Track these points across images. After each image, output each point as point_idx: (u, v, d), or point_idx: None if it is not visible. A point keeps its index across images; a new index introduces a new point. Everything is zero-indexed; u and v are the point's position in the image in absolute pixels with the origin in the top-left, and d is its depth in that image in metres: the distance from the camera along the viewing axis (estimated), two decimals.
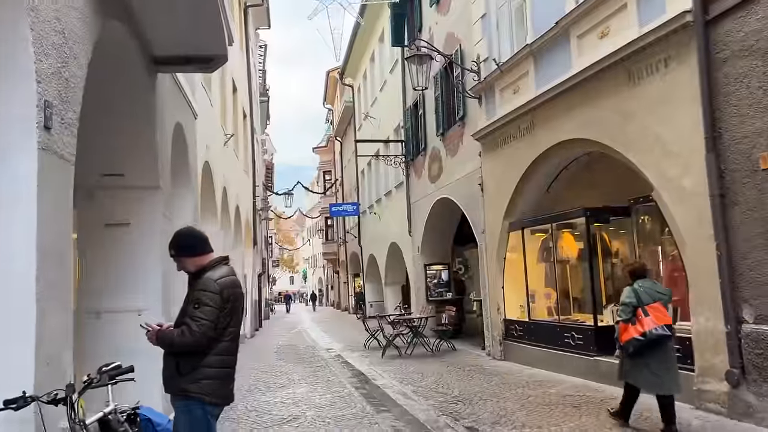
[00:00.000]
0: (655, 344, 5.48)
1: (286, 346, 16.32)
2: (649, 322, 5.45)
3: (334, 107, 38.25)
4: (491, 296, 11.46)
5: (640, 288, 5.70)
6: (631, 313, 5.60)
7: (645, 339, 5.45)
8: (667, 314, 5.53)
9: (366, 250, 26.13)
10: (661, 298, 5.67)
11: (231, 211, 14.20)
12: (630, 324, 5.58)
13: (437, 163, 14.63)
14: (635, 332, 5.52)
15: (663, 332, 5.43)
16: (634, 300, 5.62)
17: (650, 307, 5.53)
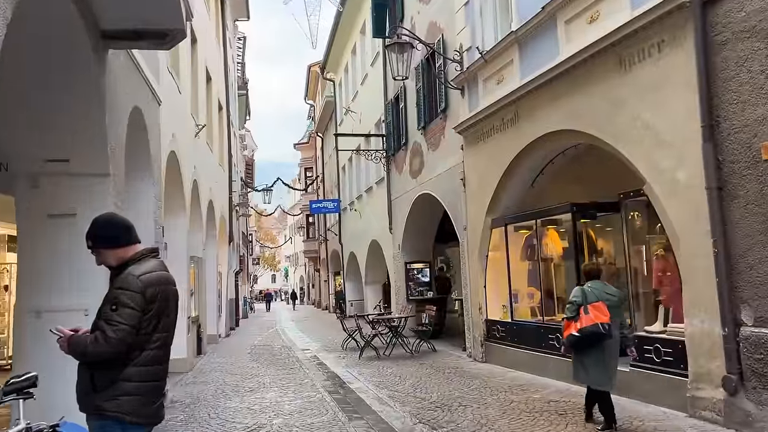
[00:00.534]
0: (592, 341, 5.63)
1: (261, 346, 15.74)
2: (587, 320, 5.61)
3: (315, 103, 37.64)
4: (472, 295, 11.01)
5: (589, 288, 5.86)
6: (576, 311, 5.76)
7: (580, 335, 5.64)
8: (606, 313, 5.61)
9: (346, 248, 25.60)
10: (609, 298, 5.76)
11: (203, 206, 13.59)
12: (573, 321, 5.77)
13: (418, 157, 14.15)
14: (573, 329, 5.73)
15: (597, 329, 5.54)
16: (579, 299, 5.78)
17: (591, 306, 5.66)
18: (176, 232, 10.43)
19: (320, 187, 36.19)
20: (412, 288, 15.82)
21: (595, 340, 5.61)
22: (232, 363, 12.03)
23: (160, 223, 8.12)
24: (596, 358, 5.71)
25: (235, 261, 22.69)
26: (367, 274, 21.61)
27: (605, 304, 5.66)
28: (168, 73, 9.48)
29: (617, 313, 5.83)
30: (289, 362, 12.24)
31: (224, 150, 18.98)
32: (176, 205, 10.49)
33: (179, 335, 10.49)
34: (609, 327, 5.57)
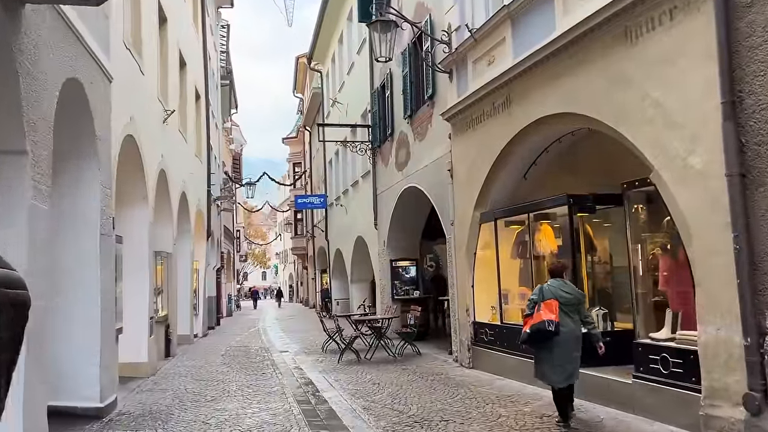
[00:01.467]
0: (542, 338, 5.71)
1: (237, 347, 14.88)
2: (536, 317, 5.71)
3: (304, 96, 36.70)
4: (459, 296, 10.21)
5: (547, 287, 5.94)
6: (533, 308, 5.86)
7: (529, 332, 5.75)
8: (554, 311, 5.68)
9: (333, 245, 24.74)
10: (564, 297, 5.80)
11: (173, 198, 12.70)
12: (530, 318, 5.86)
13: (404, 148, 13.32)
14: (527, 326, 5.84)
15: (542, 327, 5.61)
16: (537, 297, 5.90)
17: (544, 303, 5.75)
18: (134, 225, 9.56)
19: (308, 183, 35.33)
20: (398, 287, 15.00)
21: (542, 337, 5.69)
22: (201, 367, 11.16)
23: (108, 213, 7.25)
24: (546, 355, 5.81)
25: (215, 257, 21.79)
26: (352, 272, 20.77)
27: (558, 301, 5.73)
28: (125, 50, 8.59)
29: (575, 310, 5.87)
30: (263, 366, 11.39)
31: (202, 141, 18.07)
32: (135, 195, 9.61)
33: (138, 337, 9.65)
34: (556, 324, 5.61)
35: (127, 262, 9.31)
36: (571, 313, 5.78)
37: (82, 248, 6.67)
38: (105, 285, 6.97)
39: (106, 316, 6.93)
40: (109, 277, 7.24)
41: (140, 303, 9.62)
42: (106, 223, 7.09)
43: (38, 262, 4.94)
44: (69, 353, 6.60)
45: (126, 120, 8.45)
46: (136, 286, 9.55)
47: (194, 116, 16.62)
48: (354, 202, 19.71)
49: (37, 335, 4.88)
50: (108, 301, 7.08)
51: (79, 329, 6.63)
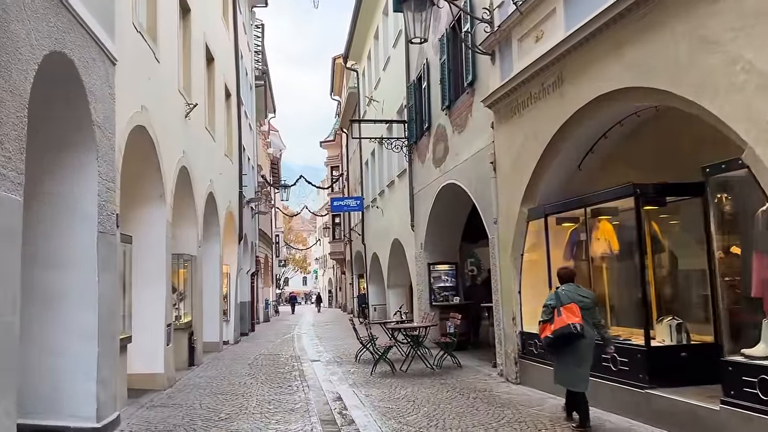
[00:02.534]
0: (566, 342, 5.72)
1: (268, 356, 14.12)
2: (559, 322, 5.71)
3: (341, 98, 36.05)
4: (504, 302, 9.15)
5: (562, 291, 5.99)
6: (550, 314, 5.88)
7: (554, 337, 5.75)
8: (577, 314, 5.72)
9: (369, 249, 23.90)
10: (582, 301, 5.86)
11: (198, 198, 12.02)
12: (548, 323, 5.88)
13: (442, 143, 12.34)
14: (549, 331, 5.83)
15: (568, 330, 5.62)
16: (553, 302, 5.92)
17: (564, 308, 5.78)
18: (150, 225, 8.87)
19: (345, 186, 34.66)
20: (436, 293, 13.99)
21: (568, 340, 5.71)
22: (223, 378, 10.39)
23: (111, 209, 6.51)
24: (570, 359, 5.82)
25: (248, 261, 21.19)
26: (389, 276, 19.85)
27: (578, 306, 5.78)
28: (135, 32, 7.89)
29: (590, 314, 5.91)
30: (290, 378, 10.55)
31: (233, 141, 17.47)
32: (151, 193, 8.92)
33: (153, 346, 8.93)
34: (581, 327, 5.67)
35: (141, 265, 8.63)
36: (587, 317, 5.83)
37: (77, 247, 5.94)
38: (105, 289, 6.22)
39: (105, 324, 6.17)
40: (111, 280, 6.50)
41: (156, 309, 8.91)
42: (107, 219, 6.35)
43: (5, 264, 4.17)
44: (61, 366, 5.87)
45: (136, 109, 7.74)
46: (151, 291, 8.85)
47: (224, 114, 16.02)
48: (390, 204, 18.81)
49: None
50: (108, 307, 6.32)
51: (73, 339, 5.90)
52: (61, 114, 5.76)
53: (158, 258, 8.97)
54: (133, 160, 8.06)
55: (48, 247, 5.85)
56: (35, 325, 5.80)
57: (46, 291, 5.85)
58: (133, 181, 8.51)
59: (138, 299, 8.51)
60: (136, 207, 8.78)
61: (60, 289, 5.89)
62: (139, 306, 8.52)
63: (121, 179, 7.23)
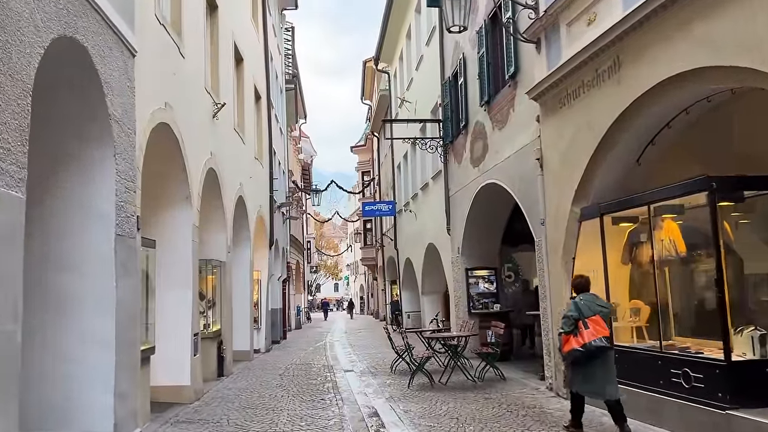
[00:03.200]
0: (595, 354, 5.72)
1: (299, 365, 13.60)
2: (589, 335, 5.72)
3: (371, 102, 35.62)
4: (554, 310, 8.43)
5: (581, 301, 5.96)
6: (573, 325, 5.85)
7: (584, 350, 5.72)
8: (605, 327, 5.80)
9: (402, 254, 23.28)
10: (602, 311, 5.91)
11: (227, 202, 11.60)
12: (572, 336, 5.84)
13: (481, 141, 11.68)
14: (576, 343, 5.79)
15: (601, 344, 5.69)
16: (575, 313, 5.87)
17: (590, 320, 5.78)
18: (175, 229, 8.43)
19: (377, 191, 34.16)
20: (475, 299, 13.29)
21: (595, 354, 5.74)
22: (253, 390, 9.88)
23: (130, 210, 6.05)
24: (603, 370, 5.83)
25: (279, 267, 20.78)
26: (424, 282, 19.19)
27: (601, 317, 5.84)
28: (159, 25, 7.47)
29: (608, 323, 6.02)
30: (323, 390, 9.99)
31: (263, 144, 17.09)
32: (176, 195, 8.49)
33: (179, 357, 8.46)
34: (608, 340, 5.79)
35: (166, 271, 8.18)
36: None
37: (92, 249, 5.48)
38: (124, 295, 5.75)
39: (123, 333, 5.70)
40: (131, 285, 6.03)
41: (182, 317, 8.45)
42: (126, 221, 5.89)
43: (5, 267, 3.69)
44: (76, 375, 5.41)
45: (158, 105, 7.30)
46: (177, 299, 8.39)
47: (254, 117, 15.64)
48: (424, 207, 18.18)
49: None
50: (127, 315, 5.85)
51: (90, 348, 5.44)
52: (74, 105, 5.32)
53: (184, 263, 8.52)
54: (156, 160, 7.63)
55: (61, 247, 5.41)
56: (48, 331, 5.37)
57: (60, 295, 5.40)
58: (158, 182, 8.08)
59: (163, 307, 8.06)
60: (160, 209, 8.36)
61: (75, 294, 5.44)
62: (163, 314, 8.06)
63: (144, 180, 6.81)
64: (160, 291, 8.05)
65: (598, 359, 5.76)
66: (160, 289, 8.02)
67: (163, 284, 8.11)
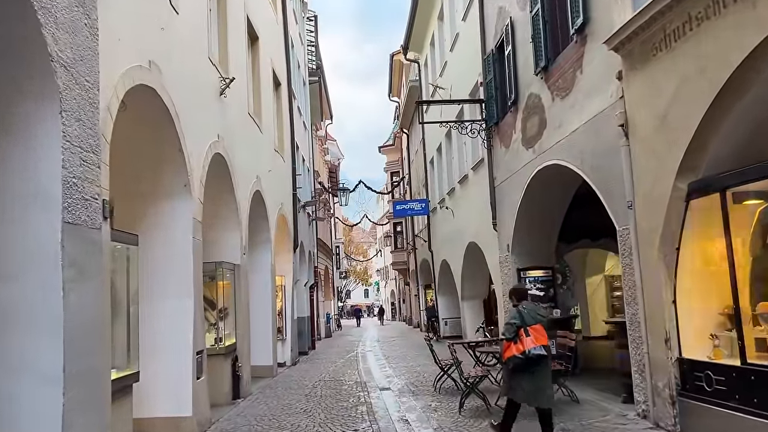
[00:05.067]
0: (533, 362, 5.79)
1: (328, 382, 11.92)
2: (529, 342, 5.79)
3: (399, 98, 33.96)
4: (649, 316, 6.59)
5: (524, 310, 6.06)
6: (515, 333, 5.90)
7: (524, 357, 5.78)
8: (545, 336, 5.89)
9: (437, 256, 21.51)
10: (541, 320, 6.00)
11: (241, 196, 10.01)
12: (513, 343, 5.90)
13: (536, 116, 9.88)
14: (516, 350, 5.85)
15: (540, 352, 5.77)
16: (518, 321, 5.94)
17: (532, 329, 5.86)
18: (169, 223, 6.85)
19: (407, 191, 32.45)
20: None
21: (537, 361, 5.79)
22: (273, 418, 8.22)
23: (90, 191, 4.43)
24: (540, 378, 5.91)
25: (305, 272, 19.18)
26: (463, 286, 17.38)
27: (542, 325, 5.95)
28: None
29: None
30: (356, 415, 8.30)
31: (285, 136, 15.53)
32: (170, 182, 6.90)
33: (177, 382, 6.80)
34: (548, 349, 5.92)
35: (159, 275, 6.62)
36: None
37: (30, 245, 3.88)
38: (79, 307, 4.14)
39: (78, 359, 4.07)
40: (93, 293, 4.41)
41: (181, 332, 6.83)
42: (82, 205, 4.28)
43: None
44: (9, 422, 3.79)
45: (140, 62, 5.71)
46: (174, 309, 6.80)
47: (272, 105, 14.09)
48: (463, 202, 16.39)
49: None
50: (84, 334, 4.22)
51: (25, 382, 3.83)
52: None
53: (183, 266, 6.91)
54: (141, 135, 6.08)
55: None
56: None
57: None
58: (146, 164, 6.54)
59: (155, 321, 6.48)
60: (151, 200, 6.81)
61: (3, 306, 3.83)
62: (156, 329, 6.48)
63: (124, 160, 5.29)
64: (151, 300, 6.48)
65: (536, 368, 5.85)
66: (150, 297, 6.45)
67: (154, 292, 6.54)
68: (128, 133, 5.88)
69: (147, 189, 6.76)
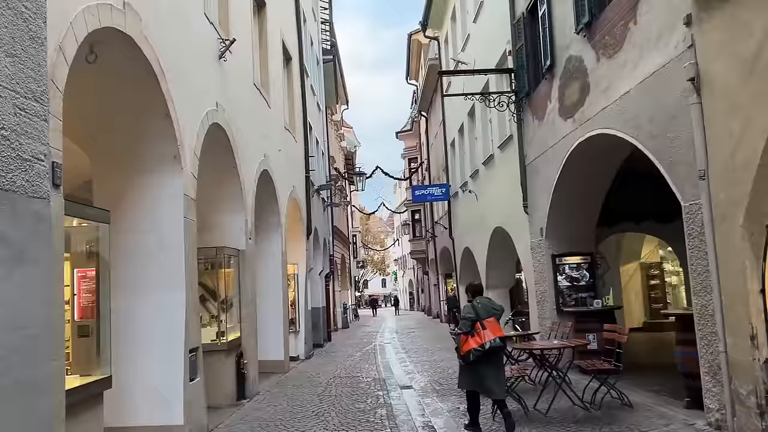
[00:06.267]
0: (490, 354, 6.02)
1: (344, 378, 10.95)
2: (486, 335, 5.97)
3: (417, 81, 32.74)
4: (728, 309, 5.46)
5: (478, 304, 6.21)
6: (470, 326, 6.06)
7: (483, 349, 5.95)
8: (500, 328, 6.15)
9: (459, 243, 20.39)
10: (495, 313, 6.19)
11: (246, 173, 9.01)
12: (470, 336, 6.05)
13: (577, 81, 8.72)
14: (475, 343, 6.00)
15: (497, 344, 5.99)
16: (473, 315, 6.11)
17: (487, 322, 6.03)
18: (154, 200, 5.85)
19: (425, 177, 31.33)
20: (565, 294, 10.34)
21: (494, 353, 6.04)
22: (281, 423, 7.26)
23: (36, 150, 3.44)
24: (494, 371, 6.14)
25: (320, 261, 18.21)
26: (488, 274, 16.25)
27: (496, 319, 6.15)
28: None
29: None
30: (375, 420, 7.32)
31: (296, 114, 14.51)
32: (155, 151, 5.89)
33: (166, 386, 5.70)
34: (504, 340, 6.20)
35: (142, 261, 5.63)
36: None
37: None
38: (9, 298, 3.15)
39: (11, 367, 3.09)
40: (38, 281, 3.42)
41: (171, 328, 5.85)
42: (14, 166, 3.28)
43: None
44: None
45: (115, 3, 4.69)
46: (161, 301, 5.81)
47: (282, 79, 13.07)
48: (488, 185, 15.25)
49: None
50: (19, 333, 3.23)
51: None
52: None
53: (172, 250, 5.92)
54: (119, 94, 5.08)
55: None
56: None
57: None
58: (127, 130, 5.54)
59: (138, 316, 5.52)
60: (131, 172, 5.82)
61: None
62: (140, 326, 5.53)
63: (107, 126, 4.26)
64: (134, 292, 5.52)
65: (491, 359, 6.06)
66: (133, 288, 5.49)
67: (138, 282, 5.58)
68: (104, 90, 4.90)
69: (128, 160, 5.78)
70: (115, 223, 5.69)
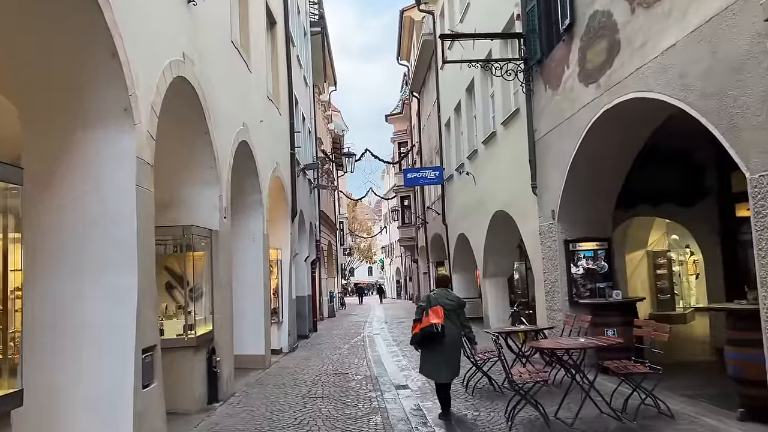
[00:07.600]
0: (430, 339, 6.40)
1: (331, 376, 9.83)
2: (426, 321, 6.40)
3: (410, 61, 31.45)
4: None
5: (433, 295, 6.74)
6: (420, 314, 6.57)
7: (421, 333, 6.45)
8: (441, 316, 6.39)
9: (453, 229, 19.31)
10: (447, 303, 6.54)
11: (220, 143, 7.80)
12: (418, 323, 6.56)
13: (603, 40, 7.58)
14: (417, 329, 6.55)
15: (430, 329, 6.31)
16: (425, 304, 6.65)
17: (431, 310, 6.47)
18: (98, 162, 4.64)
19: (416, 161, 30.16)
20: (580, 284, 9.28)
21: (431, 338, 6.38)
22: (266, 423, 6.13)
23: None
24: (434, 355, 6.47)
25: (305, 246, 17.02)
26: (486, 262, 15.18)
27: (443, 308, 6.46)
28: None
29: (457, 316, 6.59)
30: (368, 430, 6.20)
31: (280, 83, 13.25)
32: (100, 102, 4.67)
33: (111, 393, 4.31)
34: (441, 327, 6.35)
35: (79, 238, 4.43)
36: (453, 318, 6.51)
37: None
38: None
39: None
40: None
41: (118, 323, 4.66)
42: None
43: None
44: None
45: None
46: (105, 289, 4.62)
47: (265, 44, 11.81)
48: (489, 165, 14.13)
49: None
50: None
51: None
52: None
53: (120, 223, 4.71)
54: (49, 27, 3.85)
55: None
56: None
57: None
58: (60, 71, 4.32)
59: (71, 308, 4.33)
60: (70, 127, 4.58)
61: None
62: (74, 321, 4.34)
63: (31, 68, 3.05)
64: (69, 276, 4.33)
65: (434, 345, 6.40)
66: (67, 272, 4.30)
67: (72, 264, 4.38)
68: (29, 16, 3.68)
69: (66, 110, 4.56)
70: (47, 189, 4.52)
